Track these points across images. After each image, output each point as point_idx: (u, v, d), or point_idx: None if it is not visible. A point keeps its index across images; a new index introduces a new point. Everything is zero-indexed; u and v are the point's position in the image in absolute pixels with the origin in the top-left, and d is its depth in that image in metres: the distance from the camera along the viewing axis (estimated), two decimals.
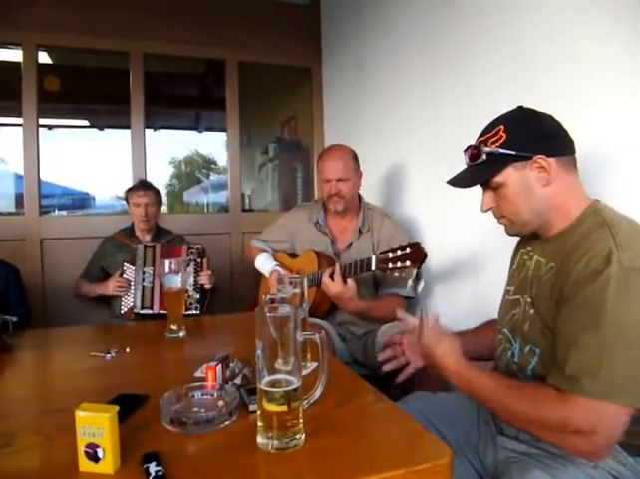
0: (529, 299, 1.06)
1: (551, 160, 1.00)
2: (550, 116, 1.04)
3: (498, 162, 1.03)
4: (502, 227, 1.17)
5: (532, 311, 1.03)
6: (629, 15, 1.25)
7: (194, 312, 2.07)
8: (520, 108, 1.07)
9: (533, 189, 1.02)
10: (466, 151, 1.09)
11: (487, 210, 1.11)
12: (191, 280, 2.13)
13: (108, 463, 0.73)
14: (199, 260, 2.20)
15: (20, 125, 2.81)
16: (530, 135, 1.02)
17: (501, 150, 1.02)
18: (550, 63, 1.49)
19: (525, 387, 0.97)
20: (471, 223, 1.92)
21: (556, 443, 0.91)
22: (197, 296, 2.13)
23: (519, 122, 1.04)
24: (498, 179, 1.04)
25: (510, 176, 1.03)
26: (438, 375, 1.11)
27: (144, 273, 2.14)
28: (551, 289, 0.98)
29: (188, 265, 2.14)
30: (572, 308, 0.90)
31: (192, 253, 2.20)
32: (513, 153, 1.01)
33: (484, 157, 1.04)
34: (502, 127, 1.03)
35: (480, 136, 1.09)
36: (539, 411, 0.89)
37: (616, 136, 1.30)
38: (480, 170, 1.06)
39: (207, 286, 2.18)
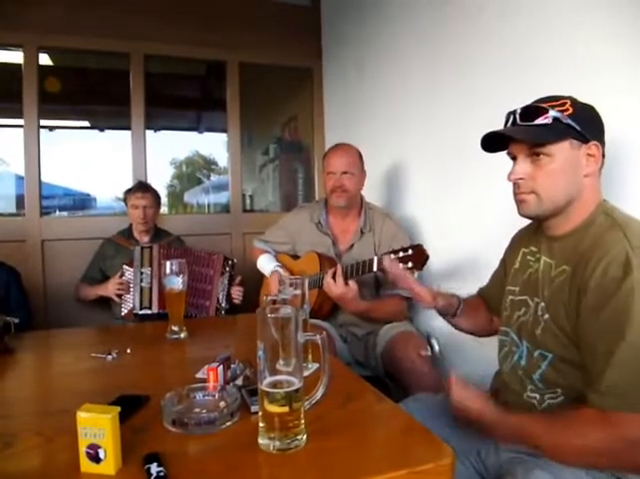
0: (543, 303, 1.03)
1: (600, 152, 0.99)
2: None
3: (560, 131, 0.97)
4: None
5: (547, 316, 1.01)
6: (629, 15, 1.25)
7: None
8: None
9: (577, 173, 0.99)
10: (525, 108, 1.02)
11: (518, 179, 1.03)
12: (225, 291, 2.17)
13: (109, 464, 0.73)
14: (233, 273, 2.22)
15: (21, 126, 2.81)
16: (593, 119, 1.00)
17: (569, 120, 0.97)
18: (551, 63, 1.49)
19: (567, 418, 0.91)
20: (472, 223, 1.93)
21: (618, 466, 0.87)
22: (227, 306, 2.17)
23: (584, 104, 1.00)
24: (552, 149, 0.98)
25: (564, 150, 0.98)
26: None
27: (142, 274, 2.14)
28: (568, 294, 0.96)
29: (222, 274, 2.18)
30: (599, 320, 0.87)
31: (228, 264, 2.22)
32: (578, 128, 0.97)
33: (550, 120, 0.97)
34: (569, 101, 0.99)
35: (542, 102, 1.01)
36: (590, 440, 0.85)
37: (616, 136, 1.30)
38: (539, 131, 0.98)
39: (236, 302, 2.21)
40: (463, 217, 1.98)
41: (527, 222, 1.24)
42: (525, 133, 1.00)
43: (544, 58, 1.52)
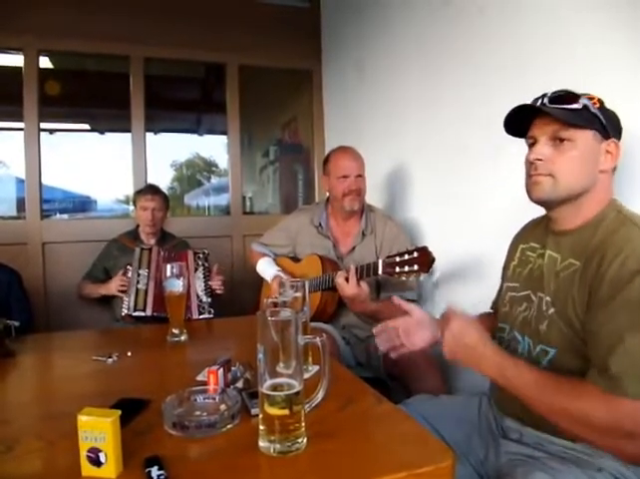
0: (548, 298, 1.02)
1: (618, 151, 1.00)
2: None
3: (588, 119, 0.98)
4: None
5: (553, 310, 1.00)
6: (629, 15, 1.25)
7: (208, 316, 2.08)
8: None
9: (594, 165, 1.00)
10: (556, 92, 1.02)
11: (537, 159, 1.02)
12: (202, 285, 2.15)
13: (110, 467, 0.73)
14: (207, 264, 2.21)
15: (21, 129, 2.82)
16: (615, 119, 1.02)
17: (597, 111, 0.99)
18: (551, 63, 1.49)
19: (568, 381, 0.90)
20: (473, 224, 1.92)
21: (599, 444, 0.87)
22: (209, 300, 2.14)
23: (606, 107, 1.02)
24: (576, 135, 0.98)
25: (587, 139, 0.99)
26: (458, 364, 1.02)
27: (139, 275, 2.14)
28: (578, 289, 0.95)
29: (196, 270, 2.16)
30: (614, 310, 0.87)
31: (199, 258, 2.21)
32: (604, 121, 0.99)
33: (580, 106, 0.98)
34: (596, 97, 1.01)
35: (572, 91, 1.02)
36: (583, 409, 0.85)
37: None
38: (570, 113, 0.99)
39: (219, 292, 2.20)
40: (464, 218, 1.98)
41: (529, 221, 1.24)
42: (557, 112, 0.99)
43: (544, 58, 1.52)
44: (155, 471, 0.72)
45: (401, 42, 2.40)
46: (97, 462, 0.73)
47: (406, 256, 1.60)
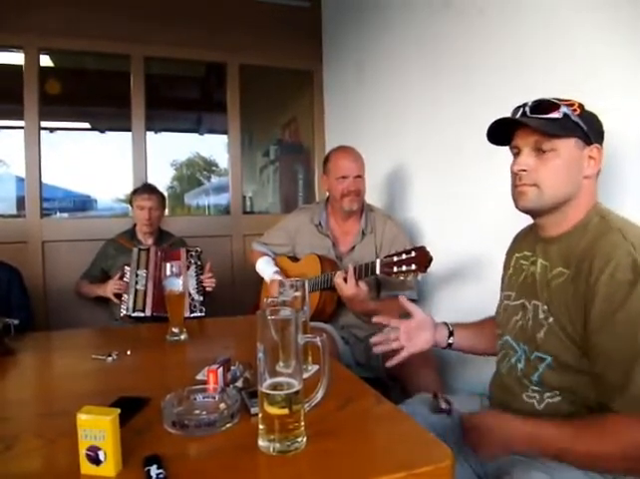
0: (545, 306, 1.02)
1: (601, 156, 1.00)
2: None
3: (569, 127, 0.99)
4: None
5: (552, 319, 0.99)
6: (629, 15, 1.25)
7: (199, 314, 2.08)
8: None
9: (578, 172, 1.00)
10: (536, 102, 1.02)
11: (521, 170, 1.03)
12: (194, 282, 2.14)
13: (109, 466, 0.73)
14: (199, 262, 2.21)
15: (22, 128, 2.82)
16: (597, 124, 1.02)
17: (577, 118, 0.99)
18: (551, 63, 1.49)
19: (592, 423, 0.89)
20: (472, 224, 1.92)
21: None
22: (201, 298, 2.14)
23: (588, 110, 1.02)
24: (558, 144, 0.99)
25: (569, 148, 0.99)
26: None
27: (137, 276, 2.14)
28: (572, 298, 0.95)
29: (189, 268, 2.15)
30: (615, 326, 0.86)
31: (192, 256, 2.21)
32: (585, 128, 0.99)
33: (560, 115, 0.98)
34: (577, 103, 1.00)
35: (551, 99, 1.02)
36: (628, 445, 0.83)
37: (616, 137, 1.30)
38: (550, 123, 0.99)
39: (209, 289, 2.20)
40: (463, 218, 1.98)
41: (527, 222, 1.24)
42: (537, 123, 0.99)
43: (544, 58, 1.52)
44: (154, 470, 0.72)
45: (401, 43, 2.40)
46: (96, 460, 0.73)
47: (403, 256, 1.60)
